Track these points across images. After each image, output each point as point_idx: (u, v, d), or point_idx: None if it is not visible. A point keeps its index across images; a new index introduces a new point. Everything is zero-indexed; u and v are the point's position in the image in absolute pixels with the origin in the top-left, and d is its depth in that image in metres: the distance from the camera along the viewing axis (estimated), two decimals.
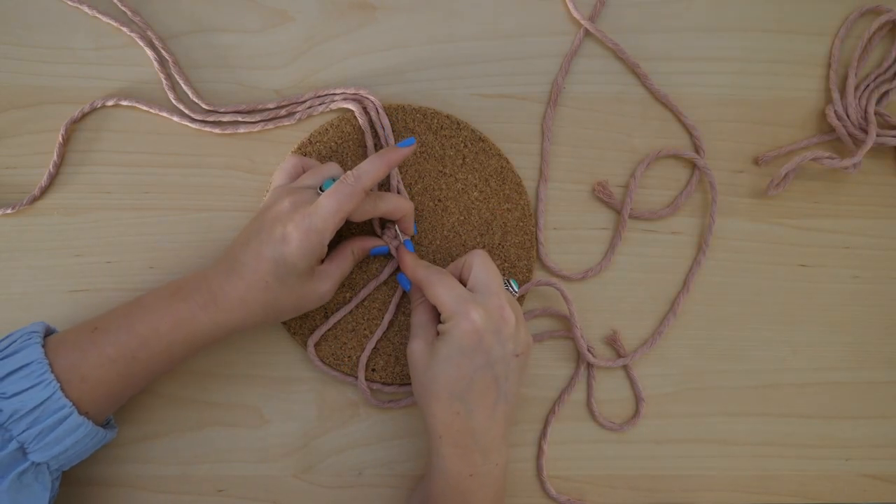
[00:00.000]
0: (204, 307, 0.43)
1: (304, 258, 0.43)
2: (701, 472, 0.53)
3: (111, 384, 0.42)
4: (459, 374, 0.43)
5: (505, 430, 0.45)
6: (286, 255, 0.43)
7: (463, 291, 0.44)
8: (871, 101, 0.54)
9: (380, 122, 0.51)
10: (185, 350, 0.43)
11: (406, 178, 0.51)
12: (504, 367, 0.44)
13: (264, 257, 0.43)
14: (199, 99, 0.51)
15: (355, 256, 0.49)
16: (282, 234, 0.43)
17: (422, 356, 0.45)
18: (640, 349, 0.52)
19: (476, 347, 0.43)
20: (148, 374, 0.43)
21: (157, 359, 0.43)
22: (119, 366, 0.42)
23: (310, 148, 0.51)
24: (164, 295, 0.44)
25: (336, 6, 0.53)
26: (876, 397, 0.54)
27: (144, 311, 0.43)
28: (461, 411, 0.43)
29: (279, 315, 0.45)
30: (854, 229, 0.55)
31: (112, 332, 0.42)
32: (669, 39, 0.54)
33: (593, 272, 0.53)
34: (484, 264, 0.45)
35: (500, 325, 0.43)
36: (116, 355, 0.42)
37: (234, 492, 0.50)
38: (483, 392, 0.43)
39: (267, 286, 0.43)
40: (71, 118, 0.50)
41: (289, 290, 0.44)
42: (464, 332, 0.43)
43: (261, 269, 0.43)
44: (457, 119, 0.52)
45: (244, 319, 0.44)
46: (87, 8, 0.51)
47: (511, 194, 0.52)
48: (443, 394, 0.43)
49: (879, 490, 0.54)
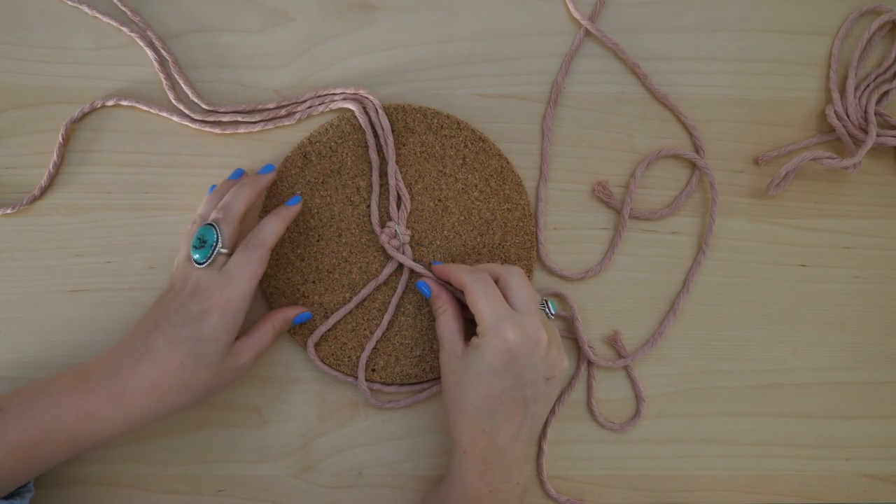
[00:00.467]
0: (112, 399, 0.41)
1: (224, 333, 0.42)
2: (701, 472, 0.53)
3: (11, 468, 0.41)
4: (489, 392, 0.43)
5: (529, 450, 0.45)
6: (204, 333, 0.41)
7: (503, 308, 0.44)
8: (871, 101, 0.54)
9: (379, 122, 0.51)
10: (91, 443, 0.42)
11: (406, 177, 0.51)
12: (534, 390, 0.44)
13: (180, 338, 0.41)
14: (199, 99, 0.51)
15: (276, 330, 0.47)
16: (198, 311, 0.42)
17: (452, 368, 0.45)
18: (641, 350, 0.52)
19: (508, 368, 0.43)
20: (52, 461, 0.42)
21: (61, 450, 0.41)
22: (19, 452, 0.40)
23: (310, 148, 0.51)
24: (70, 382, 0.42)
25: (336, 6, 0.53)
26: (876, 397, 0.54)
27: (50, 399, 0.41)
28: (487, 429, 0.43)
29: (194, 398, 0.43)
30: (854, 229, 0.55)
31: (15, 417, 0.40)
32: (669, 39, 0.54)
33: (593, 272, 0.53)
34: (522, 284, 0.45)
35: (534, 348, 0.43)
36: (17, 442, 0.40)
37: (233, 492, 0.50)
38: (510, 413, 0.43)
39: (183, 368, 0.41)
40: (71, 118, 0.50)
41: (205, 368, 0.42)
42: (497, 350, 0.43)
43: (177, 350, 0.41)
44: (457, 119, 0.52)
45: (156, 409, 0.42)
46: (87, 8, 0.51)
47: (511, 194, 0.52)
48: (470, 410, 0.43)
49: (879, 490, 0.54)
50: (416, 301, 0.51)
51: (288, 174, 0.51)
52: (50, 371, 0.50)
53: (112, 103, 0.51)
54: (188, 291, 0.43)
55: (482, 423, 0.43)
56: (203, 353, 0.42)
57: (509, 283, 0.45)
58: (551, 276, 0.53)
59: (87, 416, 0.41)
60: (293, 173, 0.51)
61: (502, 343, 0.42)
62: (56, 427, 0.41)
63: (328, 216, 0.51)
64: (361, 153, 0.51)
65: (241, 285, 0.42)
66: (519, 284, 0.45)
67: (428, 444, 0.52)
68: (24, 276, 0.50)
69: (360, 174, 0.51)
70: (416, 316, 0.51)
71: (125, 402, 0.41)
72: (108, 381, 0.41)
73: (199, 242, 0.43)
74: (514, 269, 0.46)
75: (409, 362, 0.51)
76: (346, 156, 0.51)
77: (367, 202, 0.51)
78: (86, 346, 0.50)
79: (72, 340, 0.50)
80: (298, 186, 0.51)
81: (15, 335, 0.50)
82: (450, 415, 0.45)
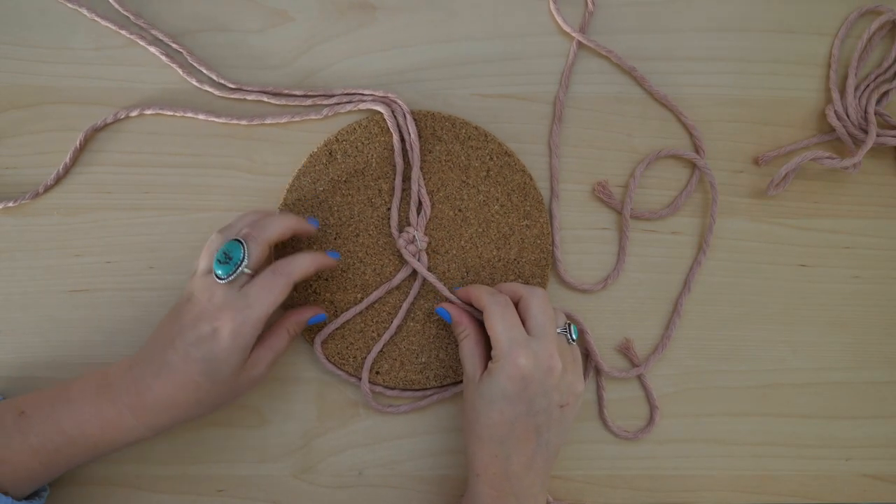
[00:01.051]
0: (132, 409, 0.41)
1: (235, 354, 0.41)
2: (701, 472, 0.53)
3: (31, 470, 0.41)
4: (501, 419, 0.43)
5: (544, 479, 0.45)
6: (216, 354, 0.41)
7: (519, 334, 0.43)
8: (871, 101, 0.54)
9: (406, 127, 0.50)
10: (111, 449, 0.43)
11: (429, 184, 0.51)
12: (546, 418, 0.43)
13: (193, 358, 0.41)
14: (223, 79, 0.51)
15: (291, 334, 0.47)
16: (211, 331, 0.41)
17: (469, 393, 0.45)
18: (652, 356, 0.52)
19: (520, 395, 0.42)
20: (71, 464, 0.43)
21: (82, 455, 0.42)
22: (41, 456, 0.41)
23: (336, 146, 0.51)
24: (92, 390, 0.42)
25: (336, 6, 0.53)
26: (876, 397, 0.54)
27: (71, 406, 0.42)
28: (500, 455, 0.43)
29: (212, 409, 0.44)
30: (854, 229, 0.55)
31: (38, 422, 0.41)
32: (669, 39, 0.54)
33: (612, 279, 0.52)
34: (542, 307, 0.44)
35: (547, 375, 0.43)
36: (40, 446, 0.41)
37: (234, 492, 0.50)
38: (522, 440, 0.43)
39: (197, 386, 0.41)
40: (93, 126, 0.50)
41: (220, 385, 0.42)
42: (509, 377, 0.42)
43: (190, 370, 0.41)
44: (484, 131, 0.52)
45: (174, 419, 0.42)
46: (86, 11, 0.51)
47: (531, 211, 0.52)
48: (484, 435, 0.43)
49: (879, 490, 0.54)
50: (427, 308, 0.51)
51: (312, 170, 0.51)
52: (50, 371, 0.50)
53: (136, 114, 0.51)
54: (203, 306, 0.42)
55: (494, 449, 0.43)
56: (215, 373, 0.41)
57: (529, 305, 0.45)
58: (572, 291, 0.53)
59: (109, 424, 0.41)
60: (317, 169, 0.51)
61: (515, 369, 0.42)
62: (78, 434, 0.41)
63: (348, 215, 0.51)
64: (387, 156, 0.51)
65: (257, 310, 0.41)
66: (538, 308, 0.44)
67: (428, 444, 0.52)
68: (24, 276, 0.50)
69: (383, 177, 0.51)
70: (426, 323, 0.51)
71: (145, 414, 0.42)
72: (128, 392, 0.42)
73: (224, 257, 0.42)
74: (536, 291, 0.45)
75: (413, 368, 0.51)
76: (371, 157, 0.51)
77: (387, 205, 0.51)
78: (86, 346, 0.50)
79: (72, 340, 0.50)
80: (321, 182, 0.51)
81: (15, 335, 0.50)
82: (465, 438, 0.45)
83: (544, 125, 0.54)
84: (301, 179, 0.51)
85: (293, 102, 0.52)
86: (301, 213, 0.50)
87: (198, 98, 0.52)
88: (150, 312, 0.50)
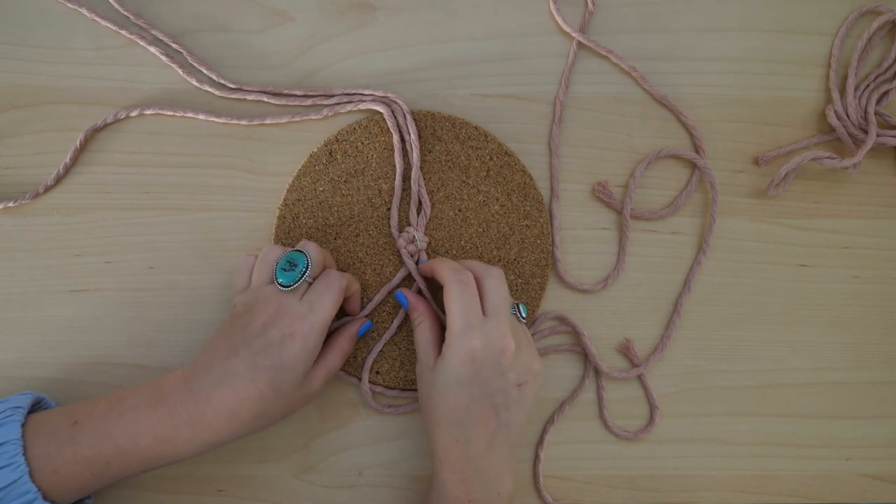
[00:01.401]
0: (189, 424, 0.41)
1: (304, 361, 0.42)
2: (701, 472, 0.53)
3: (82, 481, 0.41)
4: (457, 403, 0.43)
5: (509, 458, 0.44)
6: (285, 361, 0.41)
7: (475, 316, 0.43)
8: (871, 101, 0.54)
9: (406, 127, 0.50)
10: (163, 463, 0.42)
11: (429, 184, 0.51)
12: (504, 398, 0.43)
13: (261, 366, 0.41)
14: (223, 79, 0.51)
15: (345, 350, 0.47)
16: (279, 338, 0.41)
17: (424, 379, 0.45)
18: (652, 356, 0.52)
19: (473, 378, 0.42)
20: (122, 476, 0.42)
21: (133, 468, 0.42)
22: (93, 467, 0.41)
23: (336, 146, 0.51)
24: (146, 400, 0.41)
25: (336, 6, 0.53)
26: (876, 397, 0.54)
27: (125, 417, 0.41)
28: (459, 438, 0.43)
29: (269, 424, 0.43)
30: (854, 229, 0.55)
31: (91, 432, 0.41)
32: (669, 39, 0.54)
33: (612, 279, 0.52)
34: (497, 287, 0.44)
35: (500, 356, 0.43)
36: (92, 457, 0.40)
37: (234, 492, 0.50)
38: (481, 421, 0.43)
39: (261, 396, 0.41)
40: (93, 126, 0.50)
41: (282, 397, 0.42)
42: (461, 360, 0.42)
43: (258, 378, 0.41)
44: (484, 131, 0.52)
45: (232, 434, 0.42)
46: (86, 11, 0.51)
47: (531, 211, 0.52)
48: (442, 421, 0.43)
49: (879, 490, 0.54)
50: None
51: (312, 170, 0.51)
52: (50, 371, 0.50)
53: (136, 114, 0.51)
54: (270, 315, 0.41)
55: (454, 432, 0.43)
56: (282, 382, 0.41)
57: (485, 285, 0.45)
58: (572, 291, 0.53)
59: (163, 439, 0.41)
60: (317, 169, 0.51)
61: (466, 352, 0.42)
62: (132, 447, 0.41)
63: (348, 215, 0.51)
64: (387, 156, 0.51)
65: (321, 313, 0.42)
66: (494, 288, 0.44)
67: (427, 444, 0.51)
68: (24, 276, 0.50)
69: (383, 177, 0.51)
70: None
71: (202, 427, 0.41)
72: (184, 405, 0.41)
73: (288, 265, 0.43)
74: (492, 271, 0.45)
75: (413, 368, 0.51)
76: (371, 157, 0.51)
77: (387, 205, 0.51)
78: (86, 346, 0.50)
79: (72, 340, 0.50)
80: (321, 182, 0.51)
81: (15, 335, 0.50)
82: (424, 425, 0.45)
83: (544, 125, 0.54)
84: (301, 179, 0.51)
85: (293, 102, 0.52)
86: (302, 214, 0.50)
87: (198, 98, 0.52)
88: (150, 312, 0.51)
